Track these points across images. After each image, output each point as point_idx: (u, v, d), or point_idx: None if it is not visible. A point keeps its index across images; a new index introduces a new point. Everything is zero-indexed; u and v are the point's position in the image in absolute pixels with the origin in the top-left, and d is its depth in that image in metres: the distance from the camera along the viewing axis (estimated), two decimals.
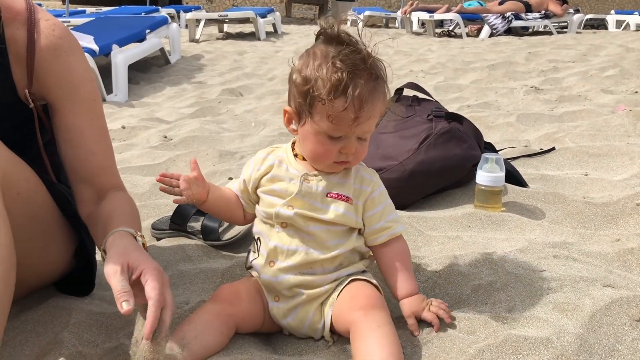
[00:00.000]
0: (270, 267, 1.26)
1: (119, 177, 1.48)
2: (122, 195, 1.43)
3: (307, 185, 1.25)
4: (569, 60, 5.52)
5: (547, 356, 1.11)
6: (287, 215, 1.24)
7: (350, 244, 1.27)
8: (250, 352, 1.21)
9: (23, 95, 1.33)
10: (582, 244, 1.66)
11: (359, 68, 1.15)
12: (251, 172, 1.32)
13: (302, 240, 1.24)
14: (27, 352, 1.31)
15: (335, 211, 1.24)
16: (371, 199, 1.28)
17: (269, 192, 1.29)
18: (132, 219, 1.34)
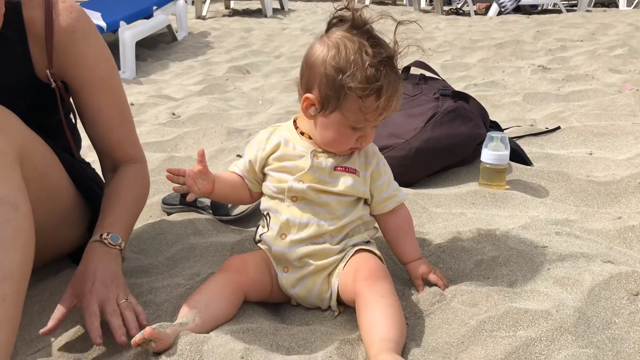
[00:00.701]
0: (282, 240, 1.30)
1: (139, 148, 1.54)
2: (135, 171, 1.49)
3: (317, 161, 1.30)
4: (577, 39, 5.49)
5: (546, 327, 1.15)
6: (300, 188, 1.28)
7: (357, 212, 1.33)
8: (259, 321, 1.25)
9: (42, 74, 1.36)
10: (584, 222, 1.69)
11: (389, 66, 1.20)
12: (256, 153, 1.36)
13: (313, 213, 1.29)
14: (44, 320, 1.35)
15: (344, 183, 1.30)
16: (377, 170, 1.35)
17: (279, 169, 1.33)
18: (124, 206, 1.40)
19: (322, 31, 1.30)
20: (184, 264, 1.52)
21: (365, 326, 1.15)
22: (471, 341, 1.16)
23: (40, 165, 1.28)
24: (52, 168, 1.34)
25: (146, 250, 1.65)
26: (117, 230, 1.34)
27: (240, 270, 1.30)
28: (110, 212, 1.38)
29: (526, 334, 1.15)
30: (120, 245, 1.32)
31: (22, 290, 1.05)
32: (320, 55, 1.23)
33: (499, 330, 1.17)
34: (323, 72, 1.22)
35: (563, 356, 1.08)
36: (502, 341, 1.14)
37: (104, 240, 1.30)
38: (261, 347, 1.13)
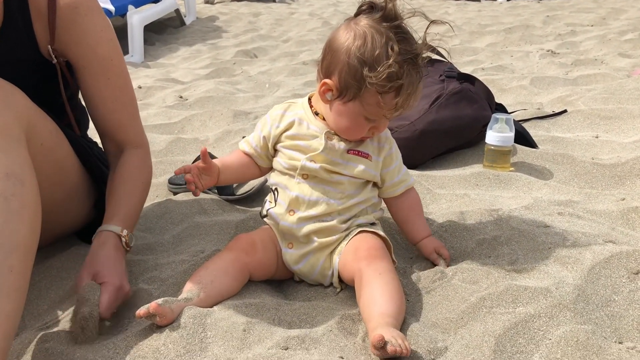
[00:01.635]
0: (290, 216, 1.31)
1: (141, 132, 1.54)
2: (136, 158, 1.49)
3: (330, 143, 1.31)
4: (588, 24, 5.43)
5: (545, 304, 1.16)
6: (312, 167, 1.30)
7: (365, 194, 1.35)
8: (262, 297, 1.27)
9: (45, 51, 1.37)
10: (588, 203, 1.70)
11: (413, 64, 1.20)
12: (270, 129, 1.37)
13: (323, 192, 1.30)
14: (52, 295, 1.39)
15: (356, 167, 1.31)
16: (390, 156, 1.37)
17: (292, 147, 1.34)
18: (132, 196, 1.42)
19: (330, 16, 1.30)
20: (189, 242, 1.54)
21: (364, 302, 1.17)
22: (470, 317, 1.17)
23: (47, 142, 1.30)
24: (58, 145, 1.36)
25: (152, 229, 1.67)
26: (130, 224, 1.38)
27: (247, 250, 1.31)
28: (124, 203, 1.40)
29: (525, 310, 1.16)
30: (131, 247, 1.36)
31: (29, 263, 1.07)
32: (345, 43, 1.22)
33: (498, 306, 1.19)
34: (346, 61, 1.21)
35: (561, 332, 1.10)
36: (501, 317, 1.15)
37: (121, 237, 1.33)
38: (263, 321, 1.15)
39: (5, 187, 1.06)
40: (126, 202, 1.41)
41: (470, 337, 1.12)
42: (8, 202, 1.05)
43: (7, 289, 0.98)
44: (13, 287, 1.00)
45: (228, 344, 1.07)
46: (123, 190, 1.42)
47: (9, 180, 1.07)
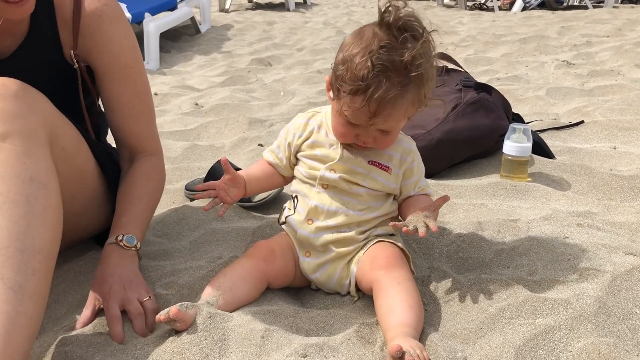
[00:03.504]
0: (308, 225, 1.31)
1: (156, 140, 1.55)
2: (150, 164, 1.50)
3: (347, 153, 1.30)
4: (603, 35, 5.40)
5: (566, 316, 1.15)
6: (332, 178, 1.29)
7: (385, 208, 1.33)
8: (279, 304, 1.27)
9: (68, 56, 1.39)
10: (607, 214, 1.68)
11: (390, 70, 1.13)
12: (293, 138, 1.37)
13: (342, 203, 1.30)
14: (69, 299, 1.39)
15: (375, 179, 1.30)
16: (410, 169, 1.33)
17: (310, 156, 1.34)
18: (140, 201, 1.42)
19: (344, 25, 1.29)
20: (206, 248, 1.55)
21: (383, 312, 1.16)
22: (490, 328, 1.17)
23: (68, 147, 1.31)
24: (79, 150, 1.37)
25: (169, 235, 1.67)
26: (132, 229, 1.37)
27: (266, 258, 1.31)
28: (125, 210, 1.40)
29: (545, 321, 1.15)
30: (136, 246, 1.35)
31: (51, 266, 1.08)
32: (345, 42, 1.23)
33: (518, 317, 1.18)
34: (337, 59, 1.23)
35: (582, 344, 1.08)
36: (520, 328, 1.14)
37: (119, 243, 1.33)
38: (281, 328, 1.15)
39: (29, 190, 1.07)
40: (132, 208, 1.41)
41: (490, 348, 1.11)
42: (31, 206, 1.06)
43: (30, 292, 0.99)
44: (36, 290, 1.01)
45: (246, 351, 1.07)
46: (130, 197, 1.43)
47: (32, 184, 1.08)
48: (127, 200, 1.42)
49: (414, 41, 1.16)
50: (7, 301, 0.96)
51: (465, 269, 1.42)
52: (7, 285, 0.97)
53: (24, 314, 0.97)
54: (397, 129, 1.26)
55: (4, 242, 1.00)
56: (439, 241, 1.54)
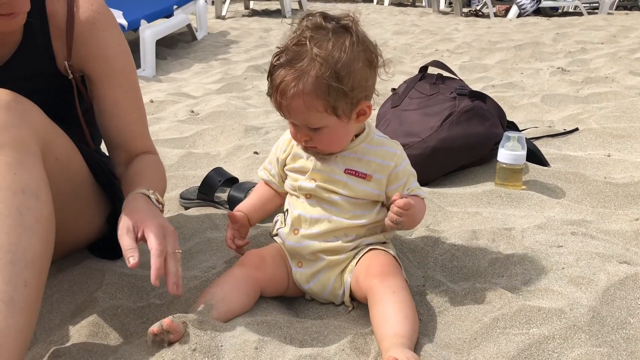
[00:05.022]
0: (294, 235, 1.31)
1: (151, 141, 1.56)
2: (150, 157, 1.51)
3: (323, 161, 1.30)
4: (598, 42, 5.43)
5: (560, 326, 1.15)
6: (309, 187, 1.30)
7: (372, 216, 1.31)
8: (273, 314, 1.27)
9: (62, 66, 1.39)
10: (601, 222, 1.69)
11: (287, 61, 1.16)
12: (280, 153, 1.38)
13: (324, 209, 1.29)
14: (63, 309, 1.39)
15: (354, 187, 1.28)
16: (395, 174, 1.30)
17: (292, 169, 1.35)
18: (153, 179, 1.41)
19: None
20: (201, 257, 1.54)
21: (377, 322, 1.16)
22: (484, 338, 1.16)
23: (61, 157, 1.30)
24: (73, 160, 1.37)
25: None
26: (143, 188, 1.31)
27: (258, 266, 1.31)
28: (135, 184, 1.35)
29: (539, 331, 1.15)
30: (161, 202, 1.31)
31: (43, 277, 1.07)
32: None
33: (512, 327, 1.18)
34: None
35: (576, 354, 1.08)
36: (514, 338, 1.14)
37: (150, 196, 1.27)
38: (275, 339, 1.14)
39: (21, 201, 1.07)
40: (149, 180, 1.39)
41: (484, 358, 1.11)
42: (23, 217, 1.06)
43: (21, 303, 0.99)
44: (27, 302, 1.00)
45: None
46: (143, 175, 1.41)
47: (24, 195, 1.08)
48: (137, 180, 1.37)
49: (319, 33, 1.17)
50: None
51: (460, 278, 1.42)
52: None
53: (15, 326, 0.97)
54: (322, 124, 1.20)
55: None
56: (433, 250, 1.54)
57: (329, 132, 1.23)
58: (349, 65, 1.16)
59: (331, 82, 1.15)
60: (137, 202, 1.25)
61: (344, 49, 1.16)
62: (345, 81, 1.16)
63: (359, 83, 1.19)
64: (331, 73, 1.15)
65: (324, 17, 1.20)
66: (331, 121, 1.21)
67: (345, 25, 1.20)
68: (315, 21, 1.19)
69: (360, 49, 1.19)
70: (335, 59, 1.15)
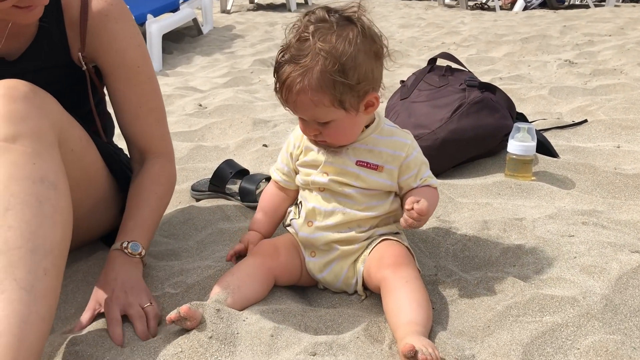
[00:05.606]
0: (308, 227, 1.32)
1: (166, 140, 1.54)
2: (158, 168, 1.49)
3: (334, 154, 1.30)
4: (606, 34, 5.41)
5: (573, 314, 1.16)
6: (322, 182, 1.30)
7: (385, 207, 1.32)
8: (287, 303, 1.28)
9: (76, 57, 1.40)
10: (612, 213, 1.69)
11: (292, 57, 1.16)
12: (293, 149, 1.38)
13: (338, 202, 1.30)
14: (79, 299, 1.40)
15: (366, 178, 1.29)
16: (406, 164, 1.30)
17: (303, 164, 1.35)
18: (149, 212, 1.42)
19: None
20: (213, 248, 1.56)
21: (391, 310, 1.17)
22: (497, 325, 1.17)
23: (77, 148, 1.32)
24: (88, 151, 1.38)
25: (176, 235, 1.68)
26: (138, 234, 1.36)
27: (271, 255, 1.32)
28: (132, 215, 1.40)
29: (552, 319, 1.16)
30: (141, 254, 1.34)
31: (62, 266, 1.09)
32: None
33: (525, 315, 1.18)
34: None
35: (590, 342, 1.09)
36: (528, 326, 1.15)
37: (124, 250, 1.33)
38: (290, 327, 1.16)
39: (39, 191, 1.08)
40: (139, 213, 1.41)
41: (498, 346, 1.12)
42: (42, 206, 1.07)
43: (42, 292, 1.00)
44: (47, 290, 1.01)
45: (256, 349, 1.08)
46: (137, 202, 1.43)
47: (43, 185, 1.09)
48: (134, 205, 1.42)
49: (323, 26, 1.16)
50: (20, 301, 0.96)
51: (472, 268, 1.43)
52: (20, 285, 0.98)
53: (37, 314, 0.98)
54: (330, 118, 1.20)
55: (15, 242, 1.01)
56: (445, 240, 1.54)
57: (338, 126, 1.23)
58: (354, 58, 1.16)
59: (336, 76, 1.14)
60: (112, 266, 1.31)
61: (348, 41, 1.15)
62: (351, 74, 1.16)
63: (365, 75, 1.18)
64: (336, 67, 1.14)
65: (327, 10, 1.19)
66: (339, 114, 1.21)
67: (350, 16, 1.19)
68: (318, 15, 1.18)
69: (365, 40, 1.18)
70: (339, 52, 1.14)
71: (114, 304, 1.23)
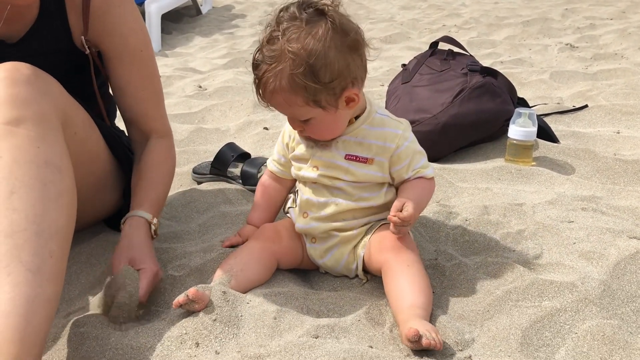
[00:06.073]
0: (303, 218, 1.33)
1: (166, 122, 1.57)
2: (161, 147, 1.52)
3: (322, 148, 1.28)
4: (607, 18, 5.38)
5: (571, 299, 1.18)
6: (311, 177, 1.30)
7: (379, 199, 1.31)
8: (289, 286, 1.29)
9: (79, 42, 1.40)
10: (611, 198, 1.70)
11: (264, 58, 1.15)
12: (288, 139, 1.37)
13: (331, 194, 1.29)
14: (82, 281, 1.42)
15: (356, 171, 1.27)
16: (397, 155, 1.27)
17: (294, 157, 1.35)
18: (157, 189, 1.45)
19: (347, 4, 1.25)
20: (215, 231, 1.57)
21: (393, 294, 1.18)
22: (496, 310, 1.19)
23: (80, 131, 1.32)
24: (90, 134, 1.38)
25: (178, 217, 1.69)
26: (147, 207, 1.39)
27: (273, 239, 1.33)
28: (139, 194, 1.42)
29: (551, 304, 1.17)
30: (151, 221, 1.37)
31: (67, 248, 1.10)
32: None
33: (524, 300, 1.20)
34: None
35: (587, 326, 1.11)
36: (527, 310, 1.17)
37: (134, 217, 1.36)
38: (293, 310, 1.17)
39: (44, 174, 1.08)
40: (153, 189, 1.44)
41: (497, 330, 1.14)
42: (47, 189, 1.08)
43: (47, 274, 1.01)
44: (53, 272, 1.02)
45: (260, 332, 1.10)
46: (150, 178, 1.45)
47: (47, 168, 1.09)
48: (140, 186, 1.44)
49: (293, 24, 1.13)
50: (27, 283, 0.97)
51: (472, 252, 1.44)
52: (26, 267, 0.99)
53: (43, 296, 0.99)
54: (308, 116, 1.18)
55: (21, 225, 1.02)
56: (444, 225, 1.56)
57: (318, 122, 1.21)
58: (325, 57, 1.12)
59: (304, 78, 1.11)
60: (138, 233, 1.32)
61: (317, 39, 1.12)
62: (322, 73, 1.12)
63: (338, 72, 1.14)
64: (303, 69, 1.11)
65: (299, 5, 1.15)
66: (317, 112, 1.18)
67: (322, 10, 1.14)
68: (290, 12, 1.15)
69: (336, 35, 1.13)
70: (308, 51, 1.11)
71: (120, 257, 1.26)
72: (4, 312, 0.93)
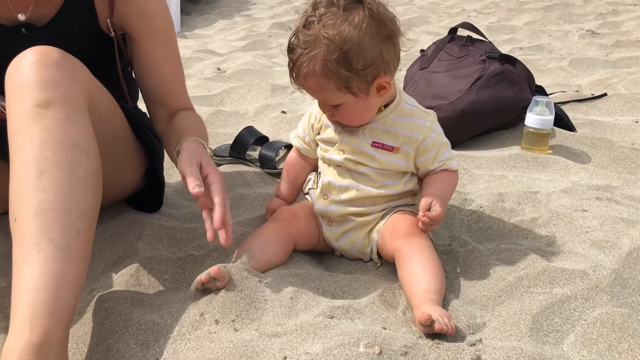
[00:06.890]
0: (323, 200, 1.36)
1: (189, 99, 1.61)
2: (191, 113, 1.57)
3: (350, 133, 1.31)
4: (630, 3, 5.29)
5: (582, 286, 1.20)
6: (337, 160, 1.32)
7: (400, 186, 1.33)
8: (306, 267, 1.33)
9: (104, 25, 1.43)
10: (626, 188, 1.71)
11: (299, 42, 1.16)
12: (314, 121, 1.40)
13: (354, 179, 1.32)
14: (105, 258, 1.46)
15: (381, 159, 1.30)
16: (423, 147, 1.29)
17: (321, 140, 1.38)
18: (202, 132, 1.47)
19: None
20: (235, 212, 1.61)
21: (407, 279, 1.21)
22: (508, 295, 1.22)
23: (105, 114, 1.36)
24: (115, 116, 1.42)
25: None
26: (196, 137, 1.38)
27: (291, 220, 1.37)
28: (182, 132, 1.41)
29: (562, 291, 1.20)
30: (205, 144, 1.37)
31: (93, 227, 1.14)
32: None
33: (536, 286, 1.22)
34: None
35: (597, 314, 1.13)
36: (538, 297, 1.19)
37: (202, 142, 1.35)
38: (309, 291, 1.21)
39: (72, 156, 1.12)
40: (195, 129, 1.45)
41: (508, 315, 1.16)
42: (74, 170, 1.12)
43: (75, 252, 1.05)
44: (80, 250, 1.07)
45: (277, 311, 1.13)
46: (189, 123, 1.47)
47: (75, 150, 1.13)
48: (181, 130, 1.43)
49: (329, 10, 1.14)
50: (55, 260, 1.02)
51: (485, 239, 1.47)
52: (55, 244, 1.03)
53: (71, 272, 1.03)
54: (339, 101, 1.21)
55: (50, 204, 1.06)
56: (459, 211, 1.58)
57: (349, 108, 1.23)
58: (360, 44, 1.13)
59: (338, 64, 1.14)
60: (198, 146, 1.32)
61: (353, 26, 1.13)
62: (355, 61, 1.14)
63: (372, 60, 1.16)
64: (338, 55, 1.13)
65: None
66: (348, 98, 1.21)
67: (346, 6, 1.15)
68: None
69: (373, 23, 1.15)
70: (343, 38, 1.12)
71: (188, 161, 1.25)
72: (35, 287, 0.98)
